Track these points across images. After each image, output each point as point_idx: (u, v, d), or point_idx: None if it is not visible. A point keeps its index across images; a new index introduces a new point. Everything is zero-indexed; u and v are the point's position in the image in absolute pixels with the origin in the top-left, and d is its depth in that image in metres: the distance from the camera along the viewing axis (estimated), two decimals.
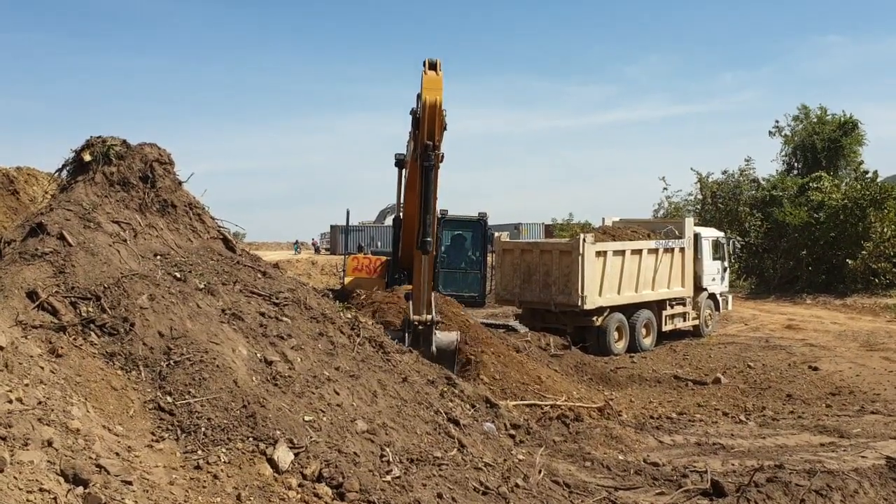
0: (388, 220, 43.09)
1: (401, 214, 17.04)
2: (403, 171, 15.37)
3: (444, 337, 12.59)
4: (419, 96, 11.41)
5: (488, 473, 7.22)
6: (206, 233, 9.22)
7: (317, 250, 60.84)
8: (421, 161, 11.35)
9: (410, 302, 12.20)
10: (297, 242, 64.57)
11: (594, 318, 19.64)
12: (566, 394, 12.81)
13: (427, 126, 11.13)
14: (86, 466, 4.90)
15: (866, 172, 36.36)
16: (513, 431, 9.28)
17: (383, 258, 19.00)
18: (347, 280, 18.72)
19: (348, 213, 19.54)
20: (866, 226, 32.61)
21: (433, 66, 11.61)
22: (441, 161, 11.51)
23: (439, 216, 17.59)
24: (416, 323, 11.99)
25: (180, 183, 9.30)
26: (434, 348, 11.98)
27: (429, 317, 12.05)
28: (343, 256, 19.60)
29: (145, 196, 8.78)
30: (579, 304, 19.10)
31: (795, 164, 49.67)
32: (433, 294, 12.86)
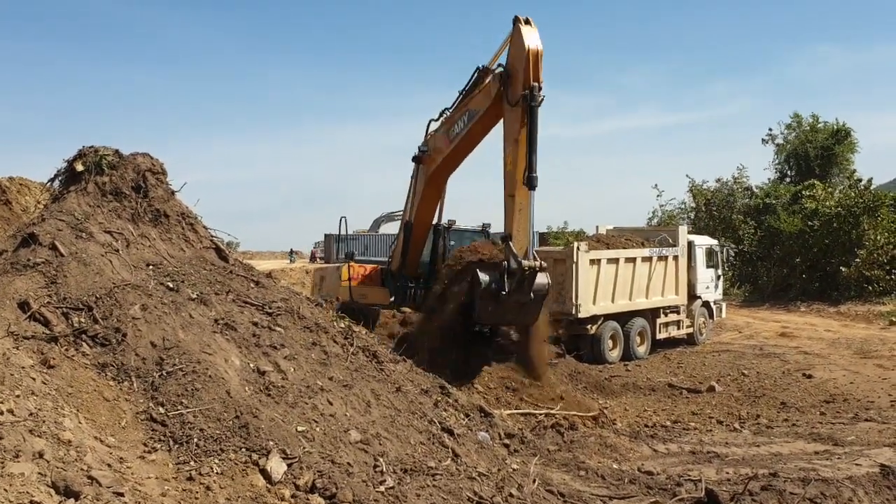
0: (383, 229, 42.94)
1: (410, 219, 17.13)
2: (420, 167, 16.08)
3: (541, 280, 12.96)
4: (509, 51, 13.39)
5: (482, 483, 7.20)
6: (199, 242, 9.19)
7: (312, 259, 60.73)
8: (528, 102, 12.73)
9: (511, 245, 12.72)
10: (292, 251, 64.46)
11: (588, 327, 19.63)
12: (561, 403, 12.77)
13: (533, 70, 12.79)
14: (77, 478, 4.87)
15: (860, 180, 36.46)
16: (507, 441, 9.26)
17: (375, 266, 18.84)
18: (350, 290, 18.24)
19: (342, 220, 19.37)
20: (860, 233, 32.68)
21: (526, 21, 13.25)
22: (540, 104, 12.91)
23: (447, 225, 17.78)
24: (527, 269, 12.58)
25: (173, 193, 9.27)
26: (531, 294, 12.79)
27: (537, 262, 12.74)
28: (319, 264, 19.44)
29: (138, 206, 8.75)
30: (573, 312, 19.09)
31: (788, 172, 49.88)
32: None
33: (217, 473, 5.72)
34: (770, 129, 51.07)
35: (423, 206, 16.86)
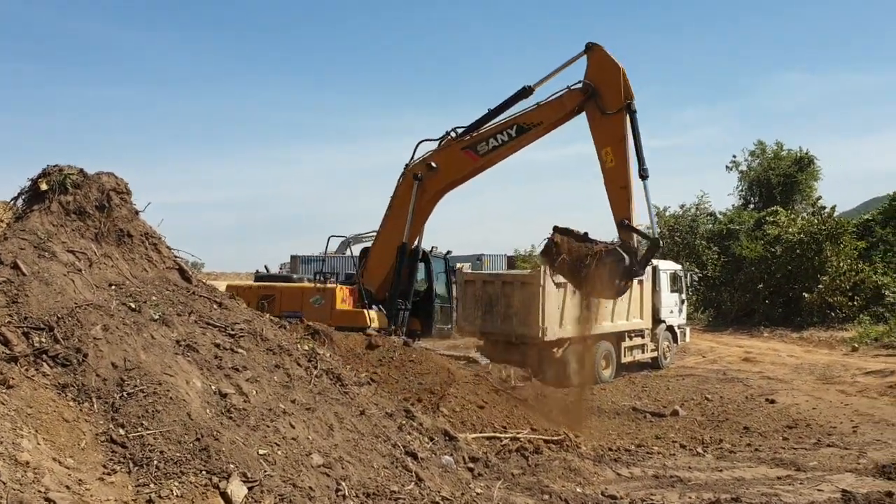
0: (351, 251, 42.79)
1: (406, 240, 17.46)
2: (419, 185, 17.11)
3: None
4: (593, 70, 15.94)
5: None
6: (163, 263, 9.13)
7: None
8: (632, 110, 15.54)
9: (634, 228, 15.44)
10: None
11: (554, 350, 19.71)
12: (526, 426, 12.78)
13: (626, 84, 15.64)
14: (34, 500, 4.81)
15: (823, 207, 37.08)
16: (471, 465, 9.24)
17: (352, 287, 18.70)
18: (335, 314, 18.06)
19: (329, 240, 19.46)
20: (822, 260, 33.18)
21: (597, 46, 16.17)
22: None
23: (439, 255, 18.19)
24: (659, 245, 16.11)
25: (137, 212, 9.21)
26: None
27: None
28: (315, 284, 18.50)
29: (101, 225, 8.68)
30: (539, 335, 19.16)
31: (752, 199, 50.60)
32: None
33: (177, 496, 5.66)
34: (734, 157, 51.96)
35: (419, 226, 17.25)
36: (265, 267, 21.64)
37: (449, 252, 19.91)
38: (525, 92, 16.55)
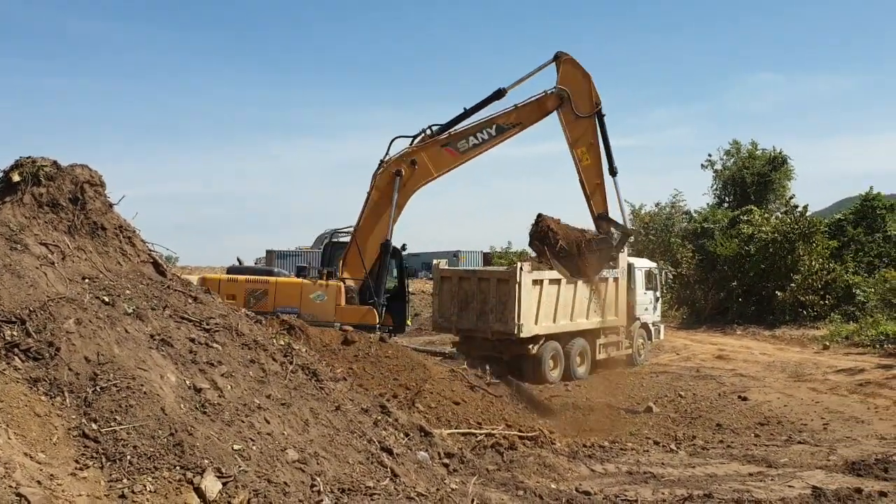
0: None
1: (389, 238, 18.02)
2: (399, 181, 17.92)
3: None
4: (564, 78, 18.27)
5: (421, 503, 7.18)
6: (137, 256, 9.04)
7: None
8: (601, 114, 18.16)
9: (611, 218, 18.09)
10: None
11: (530, 347, 19.77)
12: (502, 422, 12.82)
13: (595, 90, 18.15)
14: (5, 495, 4.75)
15: (796, 206, 37.39)
16: (446, 460, 9.25)
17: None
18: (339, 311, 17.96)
19: (324, 235, 19.46)
20: (795, 259, 33.45)
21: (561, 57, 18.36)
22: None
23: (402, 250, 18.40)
24: (631, 233, 20.37)
25: (111, 205, 9.10)
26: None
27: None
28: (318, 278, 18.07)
29: (75, 218, 8.58)
30: (515, 332, 19.21)
31: (726, 198, 50.96)
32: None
33: (150, 491, 5.61)
34: (709, 155, 52.29)
35: (396, 221, 17.64)
36: (238, 259, 21.46)
37: (404, 246, 19.95)
38: (499, 94, 18.17)
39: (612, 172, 18.21)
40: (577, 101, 18.11)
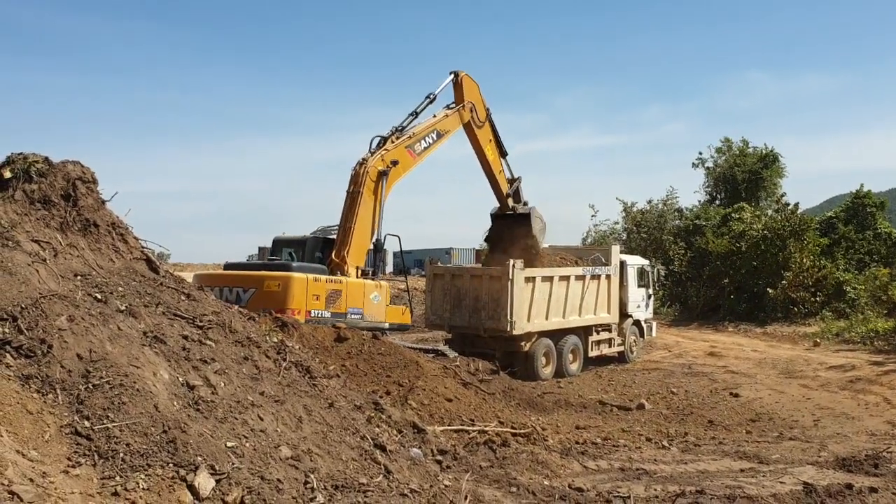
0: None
1: (380, 237, 18.47)
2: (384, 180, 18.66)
3: None
4: (463, 93, 20.96)
5: (414, 500, 7.18)
6: (129, 253, 9.01)
7: None
8: (491, 120, 21.97)
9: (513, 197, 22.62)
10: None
11: (522, 344, 19.79)
12: (494, 419, 12.83)
13: (484, 101, 21.68)
14: None
15: (787, 204, 37.53)
16: (440, 457, 9.25)
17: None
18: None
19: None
20: (786, 256, 33.54)
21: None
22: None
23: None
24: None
25: (103, 202, 9.07)
26: None
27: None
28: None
29: (67, 215, 8.55)
30: (508, 329, 19.23)
31: (718, 195, 51.06)
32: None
33: (143, 489, 5.60)
34: (700, 153, 52.42)
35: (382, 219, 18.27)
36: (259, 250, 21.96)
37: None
38: (432, 98, 20.15)
39: (503, 154, 22.65)
40: (479, 109, 21.40)
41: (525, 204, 23.16)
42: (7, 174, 8.48)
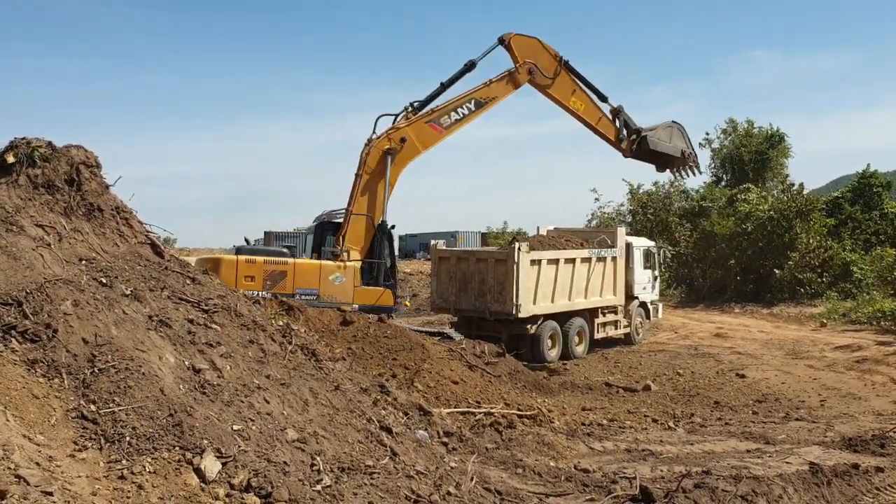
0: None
1: (385, 217, 18.24)
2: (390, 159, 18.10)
3: None
4: (519, 52, 19.91)
5: (420, 482, 7.19)
6: (134, 238, 9.00)
7: None
8: (566, 64, 20.60)
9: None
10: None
11: (528, 326, 19.78)
12: (500, 401, 12.85)
13: (549, 50, 20.63)
14: (4, 477, 4.74)
15: (793, 184, 37.36)
16: (445, 439, 9.28)
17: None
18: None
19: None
20: (792, 237, 33.43)
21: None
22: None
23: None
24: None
25: (107, 186, 9.05)
26: None
27: None
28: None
29: (71, 199, 8.53)
30: (514, 312, 19.21)
31: (724, 176, 50.89)
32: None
33: (150, 472, 5.61)
34: (707, 134, 52.17)
35: (388, 199, 17.99)
36: (245, 240, 21.46)
37: (392, 226, 20.15)
38: (471, 66, 19.28)
39: (603, 99, 21.39)
40: (543, 66, 20.10)
41: (638, 133, 22.47)
42: (11, 159, 8.47)
